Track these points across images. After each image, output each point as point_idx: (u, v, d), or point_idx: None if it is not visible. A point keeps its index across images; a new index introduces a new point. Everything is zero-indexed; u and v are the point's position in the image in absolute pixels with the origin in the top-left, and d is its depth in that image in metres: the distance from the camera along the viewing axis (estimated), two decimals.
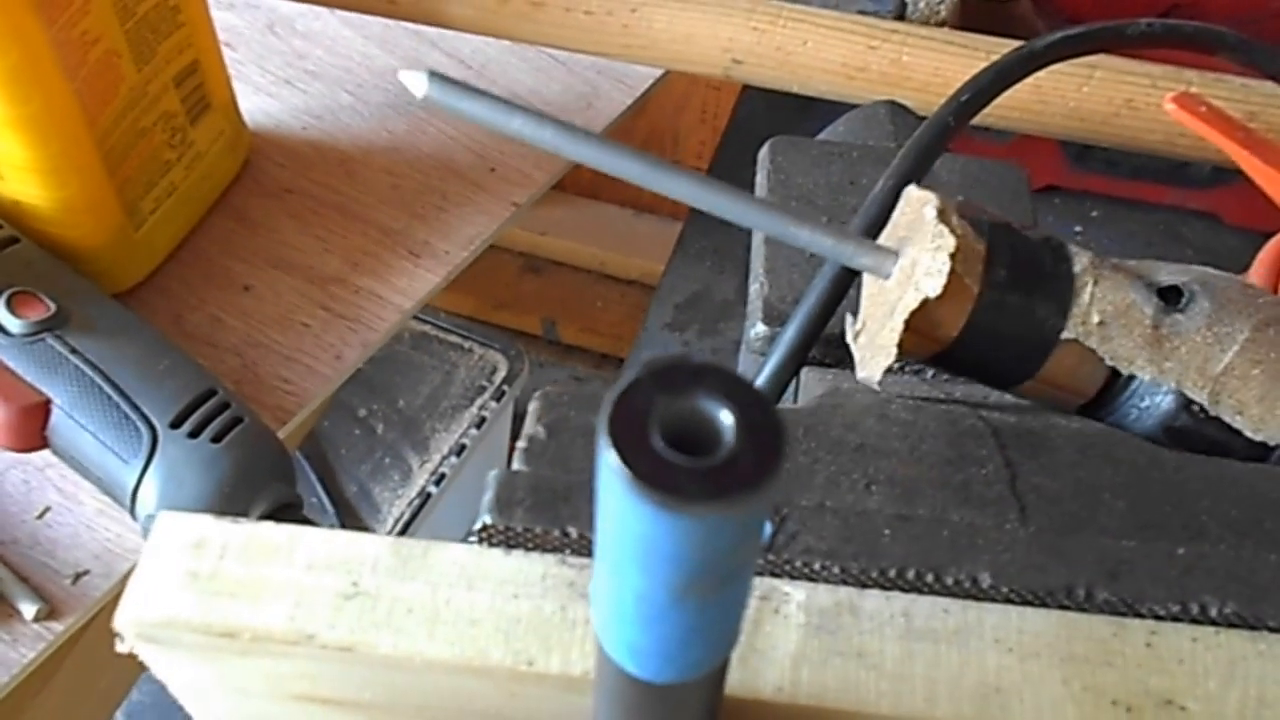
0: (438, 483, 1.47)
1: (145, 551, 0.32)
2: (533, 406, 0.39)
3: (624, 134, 1.71)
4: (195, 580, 0.32)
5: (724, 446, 0.20)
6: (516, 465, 0.36)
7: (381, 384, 1.57)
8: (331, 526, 1.43)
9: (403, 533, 1.44)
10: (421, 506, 1.46)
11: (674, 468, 0.20)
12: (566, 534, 0.34)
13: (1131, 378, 0.40)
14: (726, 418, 0.21)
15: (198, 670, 0.33)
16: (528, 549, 0.34)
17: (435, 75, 0.35)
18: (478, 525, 0.34)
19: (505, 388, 1.55)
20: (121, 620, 0.31)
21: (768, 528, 0.35)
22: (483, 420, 1.49)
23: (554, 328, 1.93)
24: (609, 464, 0.20)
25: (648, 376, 0.21)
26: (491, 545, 0.34)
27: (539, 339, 1.95)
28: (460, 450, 1.49)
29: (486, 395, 1.55)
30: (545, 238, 1.90)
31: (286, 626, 0.31)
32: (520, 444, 0.37)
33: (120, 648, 0.31)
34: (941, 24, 0.84)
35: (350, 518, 1.45)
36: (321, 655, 0.31)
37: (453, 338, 1.62)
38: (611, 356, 1.92)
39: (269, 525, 0.33)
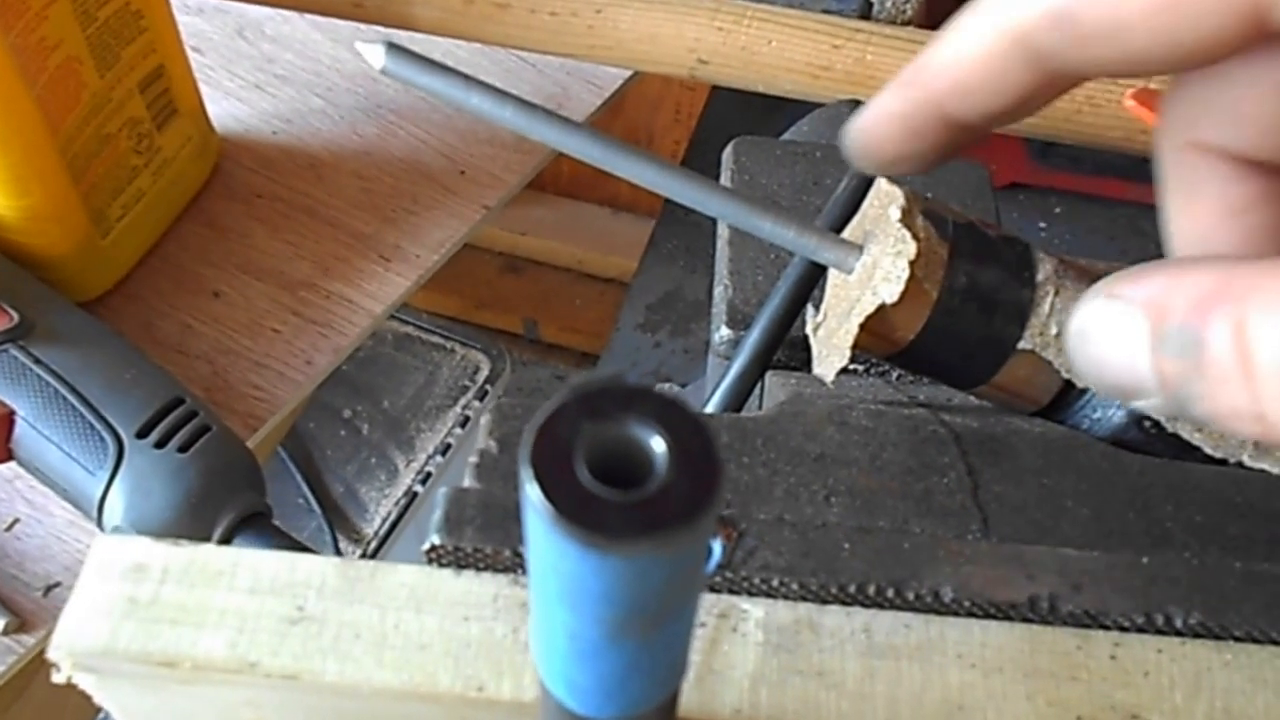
0: (424, 481, 1.47)
1: (82, 576, 0.31)
2: (485, 420, 0.38)
3: None
4: (134, 607, 0.31)
5: (655, 477, 0.19)
6: (468, 482, 0.36)
7: (365, 385, 1.56)
8: (318, 528, 1.43)
9: (390, 531, 1.43)
10: (409, 505, 1.45)
11: (600, 502, 0.19)
12: (519, 553, 0.33)
13: (1086, 389, 0.40)
14: (658, 445, 0.20)
15: (140, 699, 0.32)
16: (479, 569, 0.33)
17: (393, 47, 0.35)
18: (426, 545, 0.33)
19: (488, 387, 1.55)
20: (56, 650, 0.30)
21: (716, 554, 0.34)
22: (466, 419, 1.48)
23: (535, 327, 1.93)
24: (530, 498, 0.19)
25: (573, 402, 0.20)
26: (441, 566, 0.33)
27: (520, 338, 1.95)
28: (445, 449, 1.49)
29: (470, 395, 1.55)
30: (525, 238, 1.89)
31: (228, 654, 0.30)
32: (471, 459, 0.36)
33: (56, 678, 0.31)
34: (908, 23, 0.84)
35: (338, 518, 1.45)
36: (265, 684, 0.30)
37: (435, 338, 1.61)
38: (591, 354, 1.91)
39: (211, 548, 0.32)
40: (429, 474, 1.46)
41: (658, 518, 0.19)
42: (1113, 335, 0.31)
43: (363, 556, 1.40)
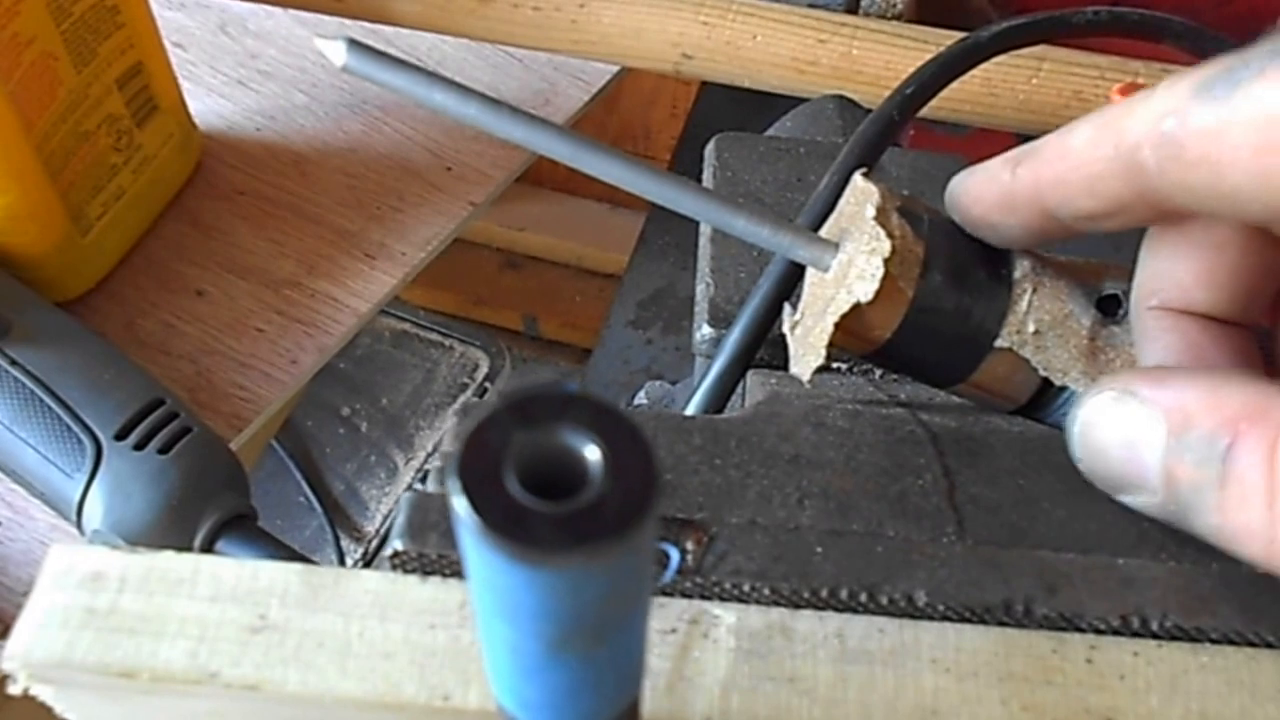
0: (424, 479, 1.47)
1: (37, 586, 0.31)
2: (451, 422, 0.38)
3: (595, 130, 1.71)
4: (92, 616, 0.30)
5: (590, 487, 0.19)
6: (432, 486, 0.35)
7: (364, 383, 1.56)
8: (320, 527, 1.42)
9: (391, 529, 1.43)
10: None
11: (530, 513, 0.18)
12: None
13: (1065, 387, 0.39)
14: (593, 453, 0.19)
15: (101, 708, 0.32)
16: (444, 575, 0.33)
17: (354, 44, 0.34)
18: (389, 551, 0.33)
19: (488, 384, 1.55)
20: (10, 661, 0.30)
21: (674, 561, 0.33)
22: None
23: (534, 323, 1.92)
24: (457, 511, 0.18)
25: (504, 409, 0.20)
26: (406, 572, 0.33)
27: (520, 335, 1.94)
28: None
29: (469, 392, 1.55)
30: (523, 233, 1.89)
31: (188, 664, 0.30)
32: (436, 463, 0.36)
33: (13, 689, 0.30)
34: (896, 17, 0.83)
35: (339, 517, 1.45)
36: (226, 694, 0.30)
37: (433, 335, 1.61)
38: (592, 350, 1.90)
39: (170, 555, 0.32)
40: (428, 471, 1.46)
41: (590, 529, 0.18)
42: (1124, 431, 0.32)
43: (364, 555, 1.40)
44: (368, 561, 1.40)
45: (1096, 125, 0.34)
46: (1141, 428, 0.32)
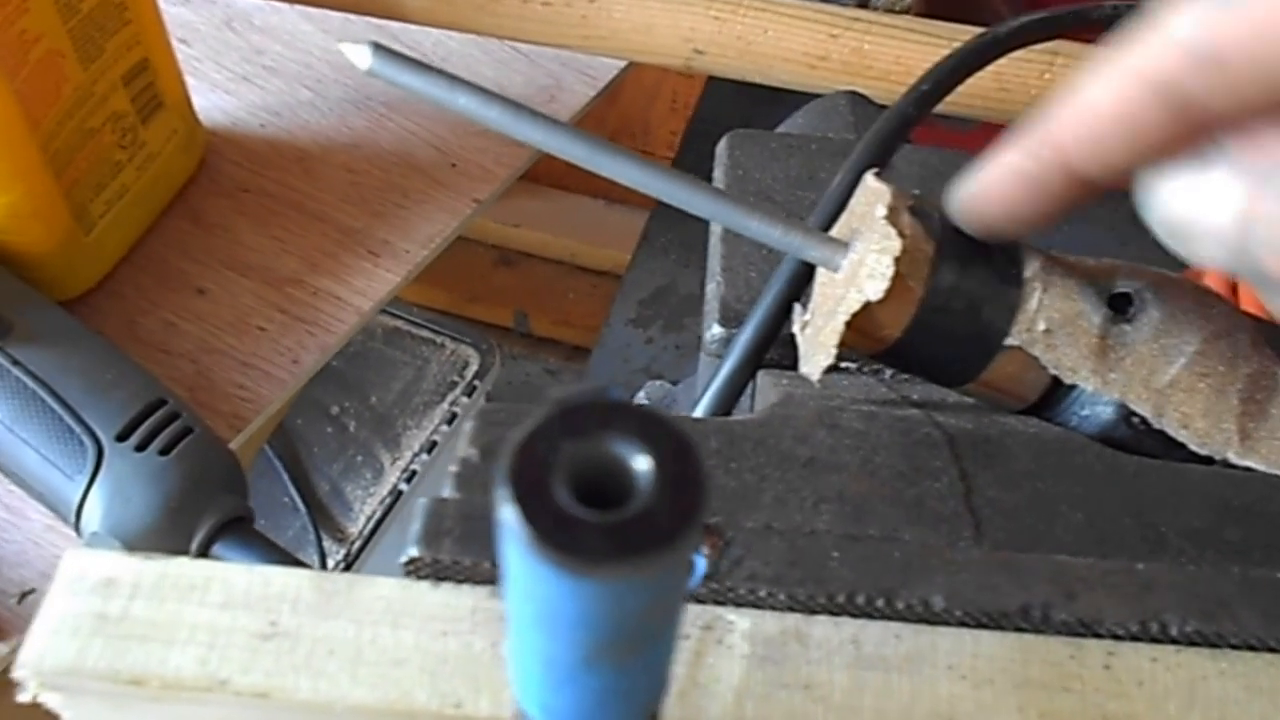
0: (409, 480, 1.46)
1: (50, 592, 0.31)
2: (467, 427, 0.37)
3: (595, 124, 1.70)
4: (103, 623, 0.30)
5: (638, 497, 0.19)
6: (448, 492, 0.35)
7: (354, 380, 1.56)
8: (303, 527, 1.41)
9: (375, 530, 1.42)
10: (393, 504, 1.44)
11: (579, 523, 0.18)
12: (498, 565, 0.33)
13: (1074, 386, 0.39)
14: (642, 463, 0.19)
15: (109, 716, 0.31)
16: (457, 581, 0.32)
17: (379, 48, 0.34)
18: (404, 558, 0.32)
19: (477, 382, 1.54)
20: (22, 669, 0.29)
21: (700, 569, 0.33)
22: (454, 416, 1.48)
23: (526, 320, 1.92)
24: (506, 520, 0.18)
25: (555, 418, 0.19)
26: (419, 578, 0.33)
27: (511, 332, 1.94)
28: (431, 447, 1.48)
29: (458, 390, 1.54)
30: (517, 230, 1.88)
31: (198, 672, 0.30)
32: (452, 468, 0.35)
33: (21, 697, 0.30)
34: (906, 11, 0.83)
35: (323, 517, 1.44)
36: (236, 701, 0.30)
37: (425, 332, 1.60)
38: (583, 349, 1.90)
39: (184, 561, 0.31)
40: (414, 472, 1.46)
41: (637, 540, 0.18)
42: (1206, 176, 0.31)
43: (346, 556, 1.40)
44: (349, 564, 1.39)
45: (1120, 67, 0.32)
46: (1225, 174, 0.31)
